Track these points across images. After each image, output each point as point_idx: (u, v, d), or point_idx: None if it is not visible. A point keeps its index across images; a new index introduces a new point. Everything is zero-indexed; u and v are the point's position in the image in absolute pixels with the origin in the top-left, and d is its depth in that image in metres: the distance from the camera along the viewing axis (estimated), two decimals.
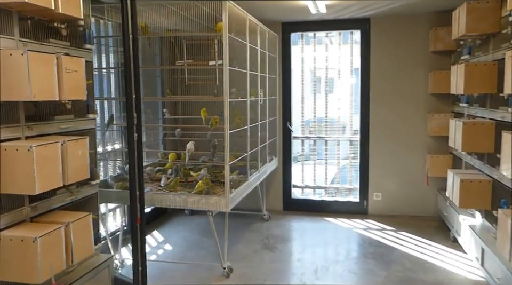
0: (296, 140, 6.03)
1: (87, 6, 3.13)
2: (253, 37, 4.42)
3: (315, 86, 5.92)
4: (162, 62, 5.32)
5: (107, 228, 4.18)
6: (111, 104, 4.65)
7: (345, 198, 5.89)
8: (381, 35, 5.39)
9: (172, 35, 4.63)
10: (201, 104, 4.46)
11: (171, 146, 5.52)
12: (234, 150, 4.68)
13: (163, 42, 5.11)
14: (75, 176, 2.65)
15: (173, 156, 4.77)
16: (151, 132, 5.46)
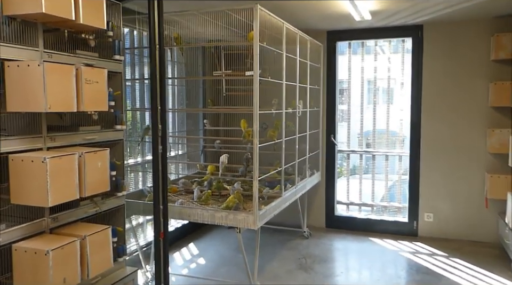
0: (341, 153, 5.73)
1: (118, 17, 3.14)
2: (293, 46, 4.25)
3: (362, 98, 5.60)
4: (204, 73, 5.29)
5: (138, 240, 4.14)
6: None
7: (393, 217, 5.49)
8: (434, 43, 4.99)
9: (203, 45, 4.57)
10: (242, 116, 4.32)
11: (211, 158, 5.45)
12: (276, 164, 4.52)
13: (204, 53, 5.08)
14: (93, 188, 2.60)
15: (211, 168, 4.67)
16: (192, 143, 5.44)
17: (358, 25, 5.02)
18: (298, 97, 4.46)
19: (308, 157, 4.86)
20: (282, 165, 4.00)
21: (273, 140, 3.92)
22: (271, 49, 3.67)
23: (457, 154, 4.98)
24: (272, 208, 3.70)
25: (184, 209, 3.55)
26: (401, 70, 5.36)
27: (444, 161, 5.04)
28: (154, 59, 2.97)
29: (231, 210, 3.47)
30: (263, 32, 3.66)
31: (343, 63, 5.60)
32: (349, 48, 5.57)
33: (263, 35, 3.65)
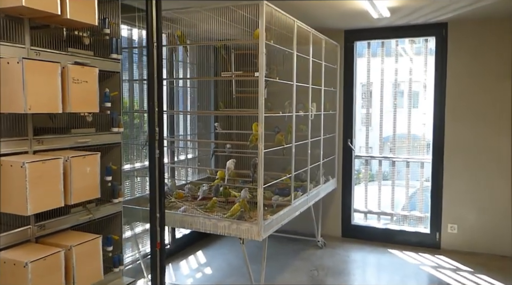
0: (359, 159, 5.43)
1: (116, 14, 2.98)
2: (307, 46, 4.02)
3: (382, 101, 5.29)
4: (216, 74, 5.11)
5: (140, 249, 3.97)
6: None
7: (414, 228, 5.15)
8: (460, 42, 4.66)
9: (207, 44, 4.38)
10: (255, 118, 4.10)
11: (223, 162, 5.25)
12: (288, 169, 4.29)
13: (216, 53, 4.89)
14: (81, 195, 2.44)
15: (221, 173, 4.48)
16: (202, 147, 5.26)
17: (377, 24, 4.74)
18: (312, 99, 4.23)
19: (323, 162, 4.61)
20: (292, 171, 3.76)
21: (282, 144, 3.68)
22: (280, 49, 3.45)
23: (483, 160, 4.63)
24: (279, 217, 3.46)
25: (186, 217, 3.36)
26: (424, 71, 5.04)
27: (468, 168, 4.69)
28: (151, 58, 2.80)
29: (235, 219, 3.26)
30: (271, 30, 3.45)
31: (361, 64, 5.32)
32: (368, 49, 5.29)
33: (270, 33, 3.44)
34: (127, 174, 3.92)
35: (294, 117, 3.76)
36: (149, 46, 2.78)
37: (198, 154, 5.30)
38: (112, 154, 3.04)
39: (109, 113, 2.94)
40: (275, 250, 4.78)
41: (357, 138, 5.35)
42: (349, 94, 5.20)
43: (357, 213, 5.43)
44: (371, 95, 5.37)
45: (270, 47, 3.32)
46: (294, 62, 3.66)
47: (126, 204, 3.60)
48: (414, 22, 4.67)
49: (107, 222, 3.01)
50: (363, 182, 5.51)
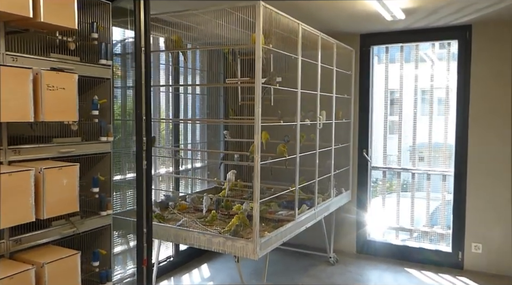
0: (376, 170, 5.12)
1: (107, 18, 2.84)
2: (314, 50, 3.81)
3: (401, 109, 4.98)
4: (225, 80, 4.94)
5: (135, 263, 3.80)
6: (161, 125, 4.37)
7: (435, 245, 4.79)
8: (485, 45, 4.31)
9: (204, 49, 4.22)
10: (265, 127, 3.88)
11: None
12: (301, 180, 4.06)
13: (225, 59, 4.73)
14: (56, 209, 2.29)
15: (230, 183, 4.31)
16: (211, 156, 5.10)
17: (393, 27, 4.46)
18: (322, 107, 3.99)
19: (335, 174, 4.34)
20: (296, 184, 3.52)
21: (284, 155, 3.45)
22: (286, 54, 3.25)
23: (510, 173, 4.24)
24: (281, 234, 3.23)
25: (181, 231, 3.17)
26: (446, 77, 4.71)
27: (494, 182, 4.32)
28: (139, 64, 2.65)
29: (230, 235, 3.05)
30: (275, 33, 3.25)
31: (379, 70, 5.03)
32: (386, 53, 5.00)
33: (275, 37, 3.24)
34: (121, 184, 3.77)
35: (299, 126, 3.52)
36: (136, 51, 2.64)
37: (207, 163, 5.14)
38: (101, 164, 2.90)
39: (97, 121, 2.79)
40: (283, 265, 4.54)
41: (374, 148, 5.06)
42: (365, 102, 4.92)
43: (373, 228, 5.11)
44: (390, 103, 5.07)
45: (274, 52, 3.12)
46: (299, 67, 3.44)
47: (121, 215, 3.47)
48: (434, 25, 4.36)
49: (94, 236, 2.86)
50: (380, 195, 5.18)
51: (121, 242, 3.73)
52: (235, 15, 3.00)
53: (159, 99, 4.34)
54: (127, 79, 3.80)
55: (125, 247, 3.78)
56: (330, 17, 4.03)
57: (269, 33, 3.32)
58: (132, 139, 3.96)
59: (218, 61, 4.78)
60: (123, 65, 3.80)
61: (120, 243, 3.72)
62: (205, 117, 5.10)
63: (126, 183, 3.81)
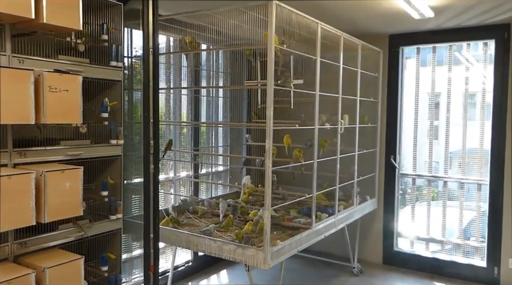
0: (405, 178, 4.87)
1: (119, 20, 2.81)
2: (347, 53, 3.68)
3: (433, 113, 4.71)
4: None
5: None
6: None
7: (468, 259, 4.47)
8: None
9: (219, 49, 4.12)
10: (287, 130, 3.77)
11: (255, 176, 4.96)
12: (325, 186, 3.92)
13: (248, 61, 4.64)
14: (58, 213, 2.26)
15: (250, 189, 4.21)
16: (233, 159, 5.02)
17: (425, 27, 4.22)
18: (345, 111, 3.83)
19: (359, 180, 4.15)
20: (314, 191, 3.37)
21: (299, 161, 3.31)
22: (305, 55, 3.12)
23: None
24: (295, 243, 3.08)
25: (192, 237, 3.09)
26: (482, 79, 4.41)
27: None
28: (147, 65, 2.59)
29: (241, 242, 2.93)
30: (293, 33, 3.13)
31: (409, 72, 4.79)
32: (417, 55, 4.74)
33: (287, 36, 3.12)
34: (137, 188, 3.74)
35: (317, 130, 3.37)
36: (144, 52, 2.58)
37: (229, 167, 5.06)
38: (112, 167, 2.86)
39: (106, 124, 2.76)
40: (302, 273, 4.38)
41: (403, 154, 4.81)
42: (393, 105, 4.68)
43: (401, 238, 4.85)
44: (421, 107, 4.80)
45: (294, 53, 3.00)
46: (317, 69, 3.29)
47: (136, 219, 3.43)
48: (468, 24, 4.09)
49: (104, 240, 2.83)
50: (409, 203, 4.92)
51: (135, 246, 3.69)
52: (250, 14, 2.89)
53: (179, 101, 4.31)
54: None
55: (140, 251, 3.74)
56: (356, 17, 3.86)
57: (286, 33, 3.20)
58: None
59: (242, 63, 4.69)
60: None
61: (134, 247, 3.68)
62: (227, 120, 5.03)
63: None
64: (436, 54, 4.62)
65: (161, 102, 4.20)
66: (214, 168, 4.73)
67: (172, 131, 4.22)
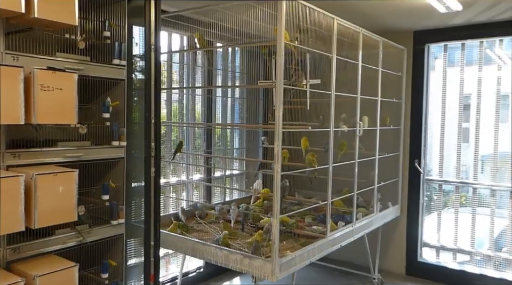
0: (431, 183, 4.57)
1: (123, 16, 2.68)
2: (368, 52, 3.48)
3: (462, 115, 4.40)
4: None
5: None
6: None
7: (500, 273, 4.15)
8: None
9: (226, 47, 3.95)
10: (305, 133, 3.58)
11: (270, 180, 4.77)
12: (344, 191, 3.72)
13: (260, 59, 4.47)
14: (50, 218, 2.14)
15: (267, 192, 4.04)
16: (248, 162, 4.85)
17: (453, 22, 3.94)
18: (365, 112, 3.60)
19: (380, 186, 3.91)
20: (329, 198, 3.16)
21: (312, 166, 3.10)
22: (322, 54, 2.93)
23: None
24: (307, 253, 2.88)
25: (197, 245, 2.94)
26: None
27: None
28: (148, 63, 2.46)
29: (249, 251, 2.76)
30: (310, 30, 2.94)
31: (436, 70, 4.50)
32: (445, 52, 4.45)
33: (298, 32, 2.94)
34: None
35: (332, 132, 3.16)
36: (146, 50, 2.45)
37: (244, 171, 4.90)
38: (114, 170, 2.74)
39: (108, 125, 2.64)
40: (319, 283, 4.15)
41: (429, 158, 4.52)
42: (418, 106, 4.40)
43: (426, 248, 4.56)
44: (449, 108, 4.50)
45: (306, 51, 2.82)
46: (333, 67, 3.08)
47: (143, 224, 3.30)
48: (501, 18, 3.78)
49: (105, 245, 2.70)
50: (435, 211, 4.62)
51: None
52: (261, 9, 2.72)
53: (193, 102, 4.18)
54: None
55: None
56: (378, 12, 3.63)
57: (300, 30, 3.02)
58: (168, 143, 3.81)
59: (258, 63, 4.52)
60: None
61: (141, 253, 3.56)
62: (243, 121, 4.87)
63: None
64: (465, 52, 4.32)
65: (174, 103, 4.08)
66: (228, 171, 4.57)
67: (185, 132, 4.10)
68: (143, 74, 2.70)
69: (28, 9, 1.99)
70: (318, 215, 3.75)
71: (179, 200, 4.08)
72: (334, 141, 3.46)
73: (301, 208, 3.42)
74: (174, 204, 4.03)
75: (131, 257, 3.28)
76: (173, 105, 4.08)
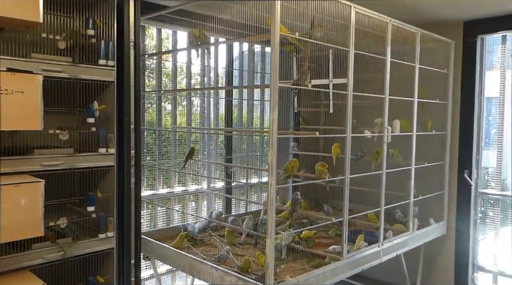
0: (486, 197, 3.93)
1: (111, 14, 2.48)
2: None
3: None
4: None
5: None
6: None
7: None
8: None
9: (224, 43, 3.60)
10: (339, 139, 3.21)
11: (301, 189, 4.40)
12: (384, 202, 3.28)
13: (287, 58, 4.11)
14: (11, 233, 1.97)
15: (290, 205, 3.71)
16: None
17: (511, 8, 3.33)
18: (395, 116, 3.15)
19: (418, 200, 3.40)
20: (345, 213, 2.73)
21: (323, 177, 2.70)
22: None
23: None
24: (314, 278, 2.49)
25: (195, 263, 2.65)
26: None
27: None
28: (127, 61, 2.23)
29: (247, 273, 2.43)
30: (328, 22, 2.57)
31: (492, 67, 3.87)
32: (503, 45, 3.81)
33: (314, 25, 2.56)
34: (147, 201, 3.41)
35: (349, 138, 2.75)
36: (124, 46, 2.22)
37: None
38: (103, 179, 2.55)
39: (93, 130, 2.45)
40: None
41: (483, 169, 3.89)
42: (468, 109, 3.80)
43: (481, 272, 3.92)
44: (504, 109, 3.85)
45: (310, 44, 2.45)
46: (350, 64, 2.66)
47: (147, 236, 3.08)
48: None
49: (92, 261, 2.51)
50: (492, 229, 3.96)
51: (146, 266, 3.36)
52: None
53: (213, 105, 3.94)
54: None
55: (150, 272, 3.40)
56: (420, 3, 3.15)
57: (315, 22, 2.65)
58: (173, 150, 3.58)
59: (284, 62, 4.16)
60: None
61: (146, 267, 3.36)
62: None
63: (157, 199, 3.44)
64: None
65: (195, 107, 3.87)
66: (262, 179, 4.25)
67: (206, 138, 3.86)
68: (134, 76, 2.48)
69: None
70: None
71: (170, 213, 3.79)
72: (372, 147, 3.09)
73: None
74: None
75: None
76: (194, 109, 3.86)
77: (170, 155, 3.53)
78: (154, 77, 3.40)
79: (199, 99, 3.82)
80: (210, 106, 3.88)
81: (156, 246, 2.91)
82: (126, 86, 2.21)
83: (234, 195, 4.14)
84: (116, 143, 2.45)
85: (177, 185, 3.71)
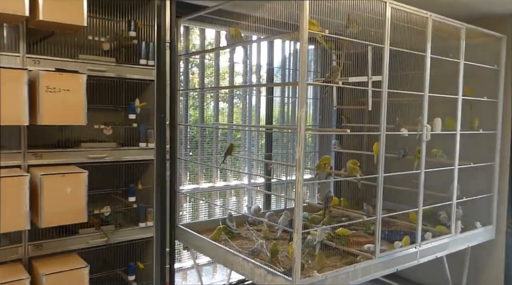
0: None
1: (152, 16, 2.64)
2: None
3: None
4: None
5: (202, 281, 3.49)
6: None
7: None
8: None
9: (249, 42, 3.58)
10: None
11: (343, 186, 4.39)
12: (427, 204, 3.24)
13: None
14: (57, 219, 2.17)
15: (335, 201, 3.73)
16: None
17: None
18: (437, 114, 3.06)
19: (462, 202, 3.28)
20: (378, 213, 2.70)
21: (354, 175, 2.68)
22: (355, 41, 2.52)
23: None
24: (344, 275, 2.49)
25: (228, 255, 2.74)
26: None
27: None
28: (163, 61, 2.36)
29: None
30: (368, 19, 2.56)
31: None
32: None
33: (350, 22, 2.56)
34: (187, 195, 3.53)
35: (383, 136, 2.71)
36: (160, 46, 2.36)
37: (316, 175, 4.56)
38: (144, 172, 2.72)
39: (135, 126, 2.61)
40: None
41: None
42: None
43: None
44: None
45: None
46: (385, 60, 2.63)
47: (188, 228, 3.21)
48: None
49: (133, 247, 2.69)
50: None
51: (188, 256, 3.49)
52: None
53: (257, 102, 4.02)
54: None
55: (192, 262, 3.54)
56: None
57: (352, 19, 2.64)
58: (215, 146, 3.70)
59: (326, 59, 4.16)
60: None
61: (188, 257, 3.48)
62: (316, 123, 4.56)
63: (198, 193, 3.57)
64: None
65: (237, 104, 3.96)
66: (289, 176, 4.29)
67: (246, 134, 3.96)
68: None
69: (33, 12, 2.03)
70: (384, 230, 3.27)
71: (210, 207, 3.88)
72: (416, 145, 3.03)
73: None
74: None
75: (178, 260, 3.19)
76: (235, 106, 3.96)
77: (212, 151, 3.65)
78: (196, 76, 3.53)
79: (240, 97, 3.92)
80: (252, 103, 3.96)
81: (195, 237, 3.04)
82: (161, 84, 2.34)
83: (274, 191, 4.19)
84: (155, 138, 2.60)
85: (219, 180, 3.83)
